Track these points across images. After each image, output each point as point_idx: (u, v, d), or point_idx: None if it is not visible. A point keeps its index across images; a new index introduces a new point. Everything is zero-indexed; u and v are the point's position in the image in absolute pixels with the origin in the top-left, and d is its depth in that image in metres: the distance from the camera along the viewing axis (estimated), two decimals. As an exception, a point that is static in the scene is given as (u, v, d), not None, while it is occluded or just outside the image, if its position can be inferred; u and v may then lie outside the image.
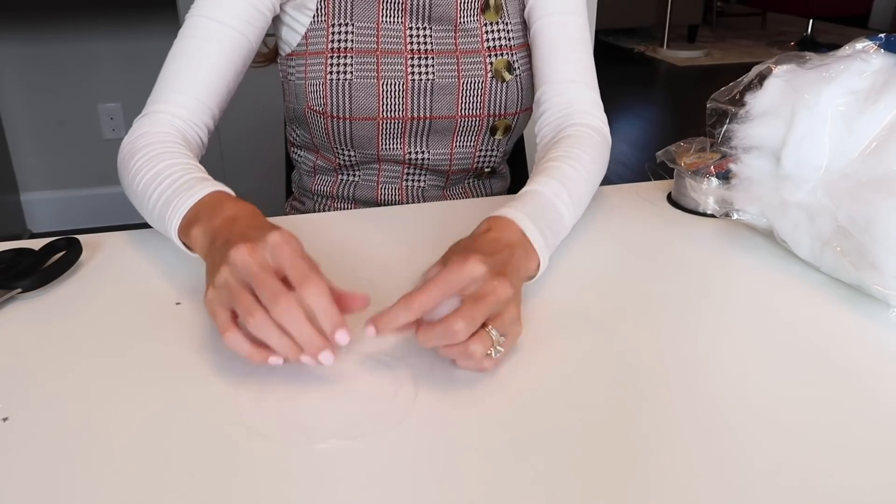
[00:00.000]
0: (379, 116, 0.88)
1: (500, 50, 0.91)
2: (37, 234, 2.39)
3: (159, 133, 0.74)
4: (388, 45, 0.87)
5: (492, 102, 0.91)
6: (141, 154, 0.71)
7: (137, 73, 2.34)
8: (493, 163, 0.99)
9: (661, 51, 5.18)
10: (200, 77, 0.77)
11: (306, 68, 0.87)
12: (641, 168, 0.91)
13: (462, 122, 0.91)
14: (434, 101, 0.89)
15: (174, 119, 0.76)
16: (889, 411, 0.52)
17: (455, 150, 0.94)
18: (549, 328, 0.61)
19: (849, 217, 0.64)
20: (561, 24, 0.89)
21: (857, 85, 0.68)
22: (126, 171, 0.72)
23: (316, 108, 0.88)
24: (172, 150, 0.71)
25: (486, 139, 0.95)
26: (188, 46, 0.78)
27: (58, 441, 0.47)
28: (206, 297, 0.53)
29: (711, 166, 0.82)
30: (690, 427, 0.49)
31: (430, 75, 0.88)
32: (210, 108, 0.79)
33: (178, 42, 0.79)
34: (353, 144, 0.90)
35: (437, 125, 0.91)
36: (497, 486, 0.44)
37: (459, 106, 0.90)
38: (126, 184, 0.73)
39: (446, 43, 0.89)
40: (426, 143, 0.93)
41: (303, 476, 0.45)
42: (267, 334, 0.49)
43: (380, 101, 0.87)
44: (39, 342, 0.58)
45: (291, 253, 0.52)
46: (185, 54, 0.78)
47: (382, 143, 0.90)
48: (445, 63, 0.89)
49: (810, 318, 0.64)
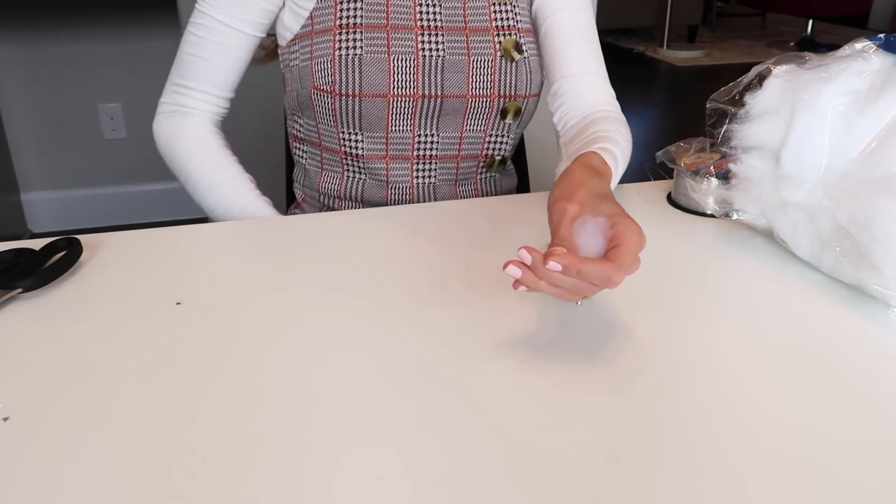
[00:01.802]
0: (390, 94, 0.86)
1: (508, 30, 0.91)
2: (37, 234, 2.39)
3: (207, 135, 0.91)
4: (399, 21, 0.87)
5: (502, 82, 0.90)
6: (201, 159, 0.90)
7: (137, 73, 2.34)
8: (504, 150, 0.97)
9: (661, 51, 5.18)
10: (221, 70, 0.89)
11: (312, 48, 0.86)
12: (641, 168, 0.91)
13: (473, 102, 0.90)
14: (445, 78, 0.88)
15: (204, 106, 0.91)
16: (889, 411, 0.52)
17: (465, 134, 0.93)
18: (548, 327, 0.61)
19: (848, 217, 0.64)
20: (573, 20, 0.91)
21: (856, 85, 0.68)
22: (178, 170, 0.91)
23: (323, 88, 0.86)
24: (227, 161, 0.91)
25: (496, 122, 0.94)
26: (202, 41, 0.87)
27: (58, 441, 0.47)
28: None
29: (711, 166, 0.82)
30: (689, 426, 0.49)
31: (441, 52, 0.87)
32: (228, 98, 0.92)
33: (191, 31, 0.88)
34: (361, 126, 0.89)
35: (447, 105, 0.90)
36: (495, 484, 0.44)
37: (470, 85, 0.89)
38: (181, 177, 0.91)
39: (456, 20, 0.89)
40: (436, 124, 0.92)
41: (303, 476, 0.45)
42: None
43: (391, 77, 0.86)
44: (39, 342, 0.58)
45: None
46: (199, 46, 0.88)
47: (392, 123, 0.89)
48: (455, 40, 0.88)
49: (810, 318, 0.64)
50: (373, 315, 0.62)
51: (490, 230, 0.79)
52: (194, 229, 0.79)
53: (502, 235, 0.78)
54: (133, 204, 2.44)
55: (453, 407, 0.51)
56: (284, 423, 0.49)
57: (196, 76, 0.89)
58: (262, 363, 0.56)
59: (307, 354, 0.57)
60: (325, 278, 0.67)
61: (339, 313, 0.62)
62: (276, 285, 0.66)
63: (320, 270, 0.68)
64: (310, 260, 0.70)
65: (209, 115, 0.91)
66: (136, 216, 2.42)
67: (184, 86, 0.90)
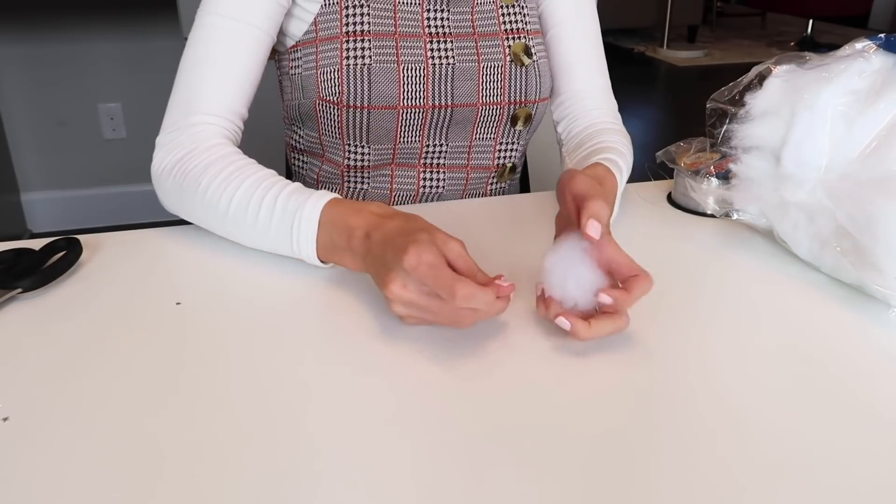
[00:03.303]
0: (399, 105, 0.83)
1: (518, 33, 0.88)
2: (37, 234, 2.39)
3: (218, 146, 0.73)
4: (407, 28, 0.83)
5: (512, 88, 0.88)
6: (216, 169, 0.70)
7: (137, 73, 2.35)
8: (514, 158, 0.95)
9: (661, 51, 5.17)
10: (230, 83, 0.76)
11: (317, 56, 0.82)
12: (641, 168, 0.91)
13: (483, 110, 0.88)
14: (455, 87, 0.85)
15: (217, 129, 0.75)
16: (889, 411, 0.52)
17: (475, 143, 0.91)
18: (547, 327, 0.60)
19: (849, 217, 0.64)
20: (580, 30, 0.91)
21: (856, 85, 0.68)
22: (191, 189, 0.70)
23: (329, 99, 0.82)
24: (247, 162, 0.71)
25: (506, 130, 0.92)
26: (212, 51, 0.75)
27: (58, 441, 0.47)
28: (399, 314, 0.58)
29: (711, 166, 0.81)
30: (689, 426, 0.49)
31: (451, 59, 0.84)
32: (242, 112, 0.78)
33: (197, 44, 0.76)
34: (368, 139, 0.85)
35: (458, 115, 0.87)
36: (494, 484, 0.44)
37: (480, 93, 0.86)
38: (192, 201, 0.71)
39: (464, 25, 0.86)
40: (445, 134, 0.89)
41: (303, 476, 0.45)
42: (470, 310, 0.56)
43: (400, 88, 0.82)
44: (39, 342, 0.58)
45: (428, 272, 0.54)
46: (210, 60, 0.75)
47: (401, 136, 0.86)
48: (465, 46, 0.85)
49: (810, 317, 0.64)
50: (374, 314, 0.62)
51: (491, 230, 0.79)
52: (194, 229, 0.78)
53: (504, 235, 0.78)
54: (133, 204, 2.44)
55: (453, 407, 0.51)
56: (284, 423, 0.49)
57: (204, 95, 0.75)
58: (263, 363, 0.55)
59: (307, 354, 0.57)
60: (326, 278, 0.67)
61: (340, 313, 0.62)
62: (276, 285, 0.66)
63: (321, 270, 0.68)
64: (310, 260, 0.70)
65: (224, 133, 0.76)
66: (136, 216, 2.42)
67: (189, 112, 0.75)
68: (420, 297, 0.56)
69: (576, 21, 0.91)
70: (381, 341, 0.58)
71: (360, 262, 0.62)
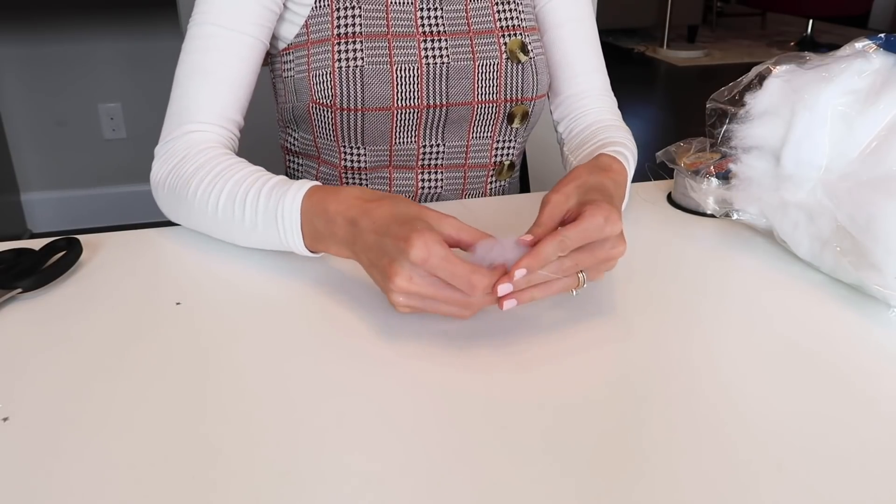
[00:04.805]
0: (393, 106, 0.82)
1: (514, 30, 0.87)
2: (37, 234, 2.39)
3: (208, 149, 0.73)
4: (400, 28, 0.82)
5: (508, 86, 0.87)
6: (204, 172, 0.70)
7: (137, 73, 2.35)
8: (512, 155, 0.95)
9: (661, 51, 5.18)
10: (224, 92, 0.76)
11: (309, 59, 0.82)
12: (641, 168, 0.91)
13: (479, 108, 0.87)
14: (450, 86, 0.85)
15: (211, 135, 0.76)
16: (889, 411, 0.52)
17: (472, 141, 0.91)
18: (547, 327, 0.60)
19: (849, 217, 0.64)
20: (579, 32, 0.91)
21: (856, 85, 0.68)
22: (183, 194, 0.71)
23: (323, 102, 0.82)
24: (233, 162, 0.71)
25: (503, 128, 0.91)
26: (205, 61, 0.76)
27: (58, 441, 0.47)
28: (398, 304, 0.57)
29: (711, 166, 0.81)
30: (689, 426, 0.49)
31: (445, 58, 0.83)
32: (237, 120, 0.79)
33: (191, 55, 0.76)
34: (363, 141, 0.85)
35: (453, 114, 0.87)
36: (495, 484, 0.44)
37: (476, 91, 0.86)
38: (185, 206, 0.71)
39: (459, 23, 0.86)
40: (441, 134, 0.88)
41: (303, 476, 0.45)
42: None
43: (394, 89, 0.81)
44: (39, 342, 0.58)
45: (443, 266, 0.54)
46: (203, 70, 0.76)
47: (396, 136, 0.86)
48: (459, 45, 0.85)
49: (810, 317, 0.64)
50: (374, 313, 0.62)
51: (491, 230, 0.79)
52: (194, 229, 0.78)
53: (504, 235, 0.78)
54: (133, 204, 2.44)
55: (453, 407, 0.51)
56: (284, 423, 0.49)
57: (198, 105, 0.75)
58: (263, 363, 0.55)
59: (308, 354, 0.57)
60: (326, 278, 0.67)
61: (340, 312, 0.62)
62: (276, 285, 0.66)
63: (321, 270, 0.68)
64: (310, 259, 0.70)
65: (219, 140, 0.77)
66: (136, 216, 2.42)
67: (183, 121, 0.75)
68: (427, 289, 0.55)
69: (575, 22, 0.91)
70: (383, 340, 0.58)
71: (347, 250, 0.61)
